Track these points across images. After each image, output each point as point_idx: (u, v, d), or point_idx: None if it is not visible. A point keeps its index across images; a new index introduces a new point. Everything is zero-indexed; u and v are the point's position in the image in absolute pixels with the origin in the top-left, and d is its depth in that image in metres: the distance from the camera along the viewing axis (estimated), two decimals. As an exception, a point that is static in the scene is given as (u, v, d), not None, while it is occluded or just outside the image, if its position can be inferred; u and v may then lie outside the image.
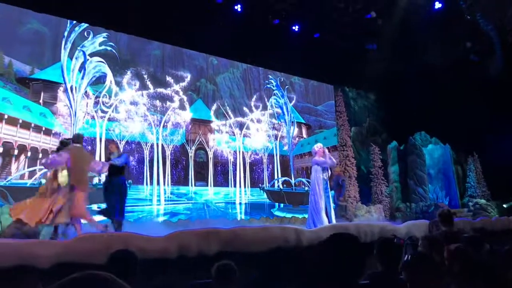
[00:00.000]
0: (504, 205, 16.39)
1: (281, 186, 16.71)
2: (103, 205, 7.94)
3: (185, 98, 15.38)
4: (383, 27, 13.40)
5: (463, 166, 16.44)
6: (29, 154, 15.17)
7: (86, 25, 12.86)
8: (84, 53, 13.22)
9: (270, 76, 17.49)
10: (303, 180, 16.97)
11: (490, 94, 15.08)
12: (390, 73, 15.56)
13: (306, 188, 15.61)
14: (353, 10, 12.92)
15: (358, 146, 16.42)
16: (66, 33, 12.88)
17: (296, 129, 18.38)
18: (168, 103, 14.93)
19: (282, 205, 15.82)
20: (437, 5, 12.40)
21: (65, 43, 12.96)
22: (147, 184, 14.29)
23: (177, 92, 15.15)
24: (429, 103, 15.24)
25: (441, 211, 5.59)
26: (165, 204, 14.27)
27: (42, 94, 15.20)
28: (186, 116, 15.48)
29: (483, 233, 8.57)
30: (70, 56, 13.09)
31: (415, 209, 14.41)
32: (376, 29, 13.52)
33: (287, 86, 18.02)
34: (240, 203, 15.32)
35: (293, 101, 17.99)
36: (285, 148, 17.59)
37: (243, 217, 14.52)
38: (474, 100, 14.80)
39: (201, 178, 15.80)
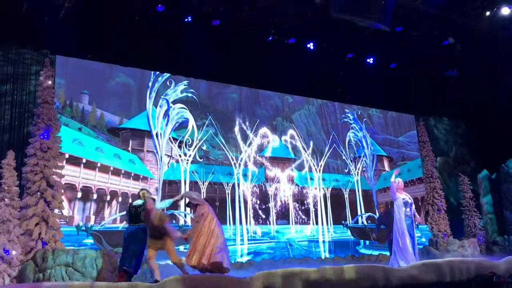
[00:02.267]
0: None
1: (365, 222, 16.22)
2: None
3: (263, 137, 15.68)
4: (463, 52, 12.92)
5: None
6: (120, 199, 16.13)
7: (168, 74, 13.71)
8: (167, 101, 14.04)
9: (347, 110, 17.36)
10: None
11: None
12: (474, 98, 14.86)
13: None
14: (429, 38, 12.63)
15: (445, 177, 15.62)
16: (150, 84, 13.81)
17: (378, 163, 17.90)
18: (247, 143, 15.30)
19: (367, 242, 15.29)
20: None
21: (150, 93, 13.87)
22: (229, 224, 14.53)
23: (255, 133, 15.50)
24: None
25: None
26: (248, 244, 14.37)
27: (130, 141, 16.26)
28: (265, 155, 15.72)
29: None
30: (155, 104, 13.96)
31: (515, 242, 13.29)
32: (455, 55, 13.06)
33: (365, 119, 17.75)
34: (324, 241, 15.03)
35: (372, 133, 17.66)
36: (367, 182, 17.17)
37: (327, 255, 14.21)
38: None
39: (282, 216, 15.78)
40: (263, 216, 15.16)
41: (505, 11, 11.16)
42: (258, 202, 15.18)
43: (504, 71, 13.84)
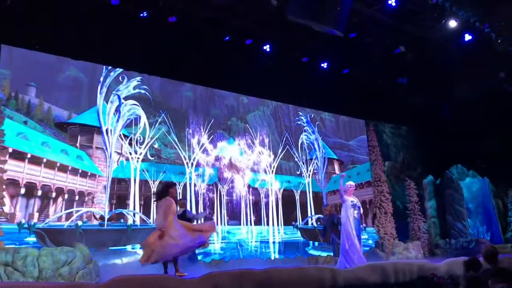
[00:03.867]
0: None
1: (314, 224, 16.46)
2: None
3: (217, 137, 15.56)
4: (413, 61, 13.35)
5: (503, 200, 15.83)
6: (66, 196, 15.55)
7: (121, 70, 13.36)
8: (119, 96, 13.68)
9: (300, 113, 17.58)
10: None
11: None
12: (423, 106, 15.41)
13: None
14: (382, 45, 12.96)
15: (393, 181, 16.09)
16: (101, 78, 13.40)
17: (329, 165, 18.21)
18: (200, 143, 15.13)
19: (316, 243, 15.51)
20: (467, 37, 12.29)
21: (101, 88, 13.47)
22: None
23: (209, 132, 15.37)
24: (464, 136, 14.93)
25: (485, 249, 5.36)
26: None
27: (79, 137, 15.73)
28: (218, 155, 15.62)
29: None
30: (106, 100, 13.57)
31: (455, 245, 13.88)
32: (406, 63, 13.48)
33: (317, 122, 18.02)
34: (274, 242, 15.12)
35: (324, 137, 17.95)
36: (318, 184, 17.42)
37: (277, 256, 14.30)
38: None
39: (233, 217, 15.73)
40: (215, 217, 15.06)
41: (452, 23, 11.63)
42: (210, 202, 15.07)
43: (451, 81, 14.42)
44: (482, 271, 4.74)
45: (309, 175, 17.23)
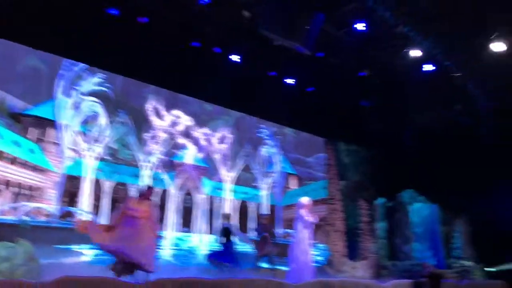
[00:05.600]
0: (491, 269, 16.28)
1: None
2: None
3: (176, 142, 15.41)
4: (377, 85, 13.71)
5: (450, 227, 16.41)
6: (12, 189, 14.95)
7: (84, 65, 13.04)
8: (79, 92, 13.32)
9: (263, 126, 17.67)
10: (289, 231, 16.76)
11: (482, 156, 15.33)
12: (382, 130, 15.82)
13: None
14: (348, 67, 13.26)
15: (346, 200, 16.37)
16: (62, 71, 13.01)
17: (286, 180, 18.34)
18: (158, 146, 14.93)
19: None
20: (429, 67, 12.75)
21: (60, 81, 13.07)
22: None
23: (170, 136, 15.20)
24: (419, 162, 15.41)
25: (429, 273, 5.53)
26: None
27: (33, 130, 15.17)
28: (175, 160, 15.44)
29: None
30: (65, 94, 13.18)
31: (401, 267, 14.23)
32: (369, 87, 13.83)
33: (279, 137, 18.17)
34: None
35: (284, 151, 18.08)
36: (274, 197, 17.50)
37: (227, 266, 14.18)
38: (465, 161, 15.00)
39: (185, 224, 15.56)
40: (166, 223, 14.84)
41: (416, 53, 12.06)
42: (163, 208, 14.86)
43: (411, 109, 14.90)
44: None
45: (266, 187, 17.28)
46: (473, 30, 11.49)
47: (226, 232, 12.05)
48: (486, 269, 16.18)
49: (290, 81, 13.62)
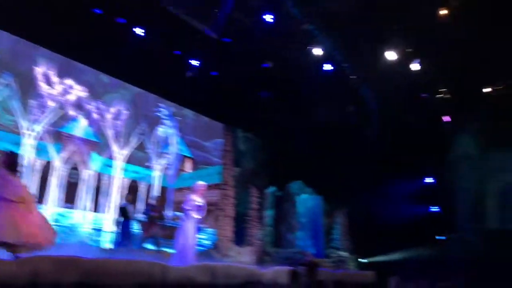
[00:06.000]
0: (363, 260, 17.73)
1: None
2: None
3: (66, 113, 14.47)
4: (278, 78, 14.04)
5: (332, 219, 17.48)
6: None
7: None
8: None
9: (162, 105, 17.22)
10: (179, 214, 16.65)
11: (365, 155, 16.51)
12: (280, 122, 16.29)
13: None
14: (253, 57, 13.40)
15: (239, 187, 16.65)
16: None
17: (181, 162, 18.15)
18: (46, 115, 13.89)
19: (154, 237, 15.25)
20: (328, 66, 13.37)
21: None
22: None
23: (60, 106, 14.21)
24: (310, 156, 16.15)
25: (307, 262, 5.79)
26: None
27: None
28: (64, 131, 14.51)
29: (342, 285, 9.06)
30: None
31: (283, 254, 14.85)
32: (271, 79, 14.12)
33: (178, 118, 17.86)
34: (109, 231, 14.45)
35: (182, 133, 17.84)
36: (167, 179, 17.23)
37: (110, 246, 13.68)
38: (350, 159, 16.03)
39: (69, 200, 14.72)
40: (47, 198, 13.94)
41: (317, 51, 12.57)
42: (45, 181, 13.90)
43: (308, 104, 15.52)
44: (302, 282, 5.13)
45: (159, 168, 16.93)
46: (371, 37, 12.28)
47: (123, 212, 11.61)
48: (359, 260, 17.58)
49: (194, 62, 13.44)
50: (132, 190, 16.37)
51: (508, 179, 18.16)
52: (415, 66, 12.92)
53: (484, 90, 14.51)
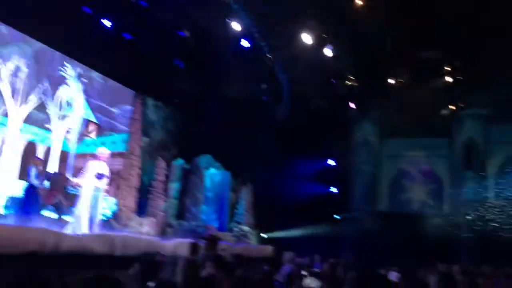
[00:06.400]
0: (264, 235, 18.37)
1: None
2: None
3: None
4: (194, 49, 13.79)
5: (237, 194, 17.81)
6: None
7: None
8: None
9: (67, 64, 16.10)
10: (80, 181, 15.86)
11: (273, 133, 16.91)
12: (192, 93, 16.09)
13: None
14: (170, 23, 13.02)
15: (145, 157, 16.25)
16: None
17: (85, 127, 17.24)
18: None
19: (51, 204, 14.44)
20: (244, 43, 13.38)
21: None
22: None
23: None
24: (221, 130, 16.21)
25: (208, 235, 5.83)
26: None
27: None
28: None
29: (241, 258, 9.27)
30: None
31: (186, 227, 14.88)
32: (187, 48, 13.84)
33: (84, 80, 16.84)
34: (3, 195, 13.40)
35: (87, 97, 16.88)
36: (68, 144, 16.29)
37: (3, 211, 12.72)
38: (258, 135, 16.35)
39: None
40: None
41: (236, 26, 12.50)
42: None
43: (222, 78, 15.48)
44: (200, 256, 5.15)
45: (60, 131, 15.95)
46: (288, 19, 12.46)
47: (25, 175, 10.78)
48: (261, 235, 18.20)
49: (106, 23, 12.74)
50: (30, 152, 15.29)
51: (399, 166, 19.74)
52: (328, 52, 13.36)
53: (389, 81, 15.45)
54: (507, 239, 15.76)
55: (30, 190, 10.47)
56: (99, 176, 8.80)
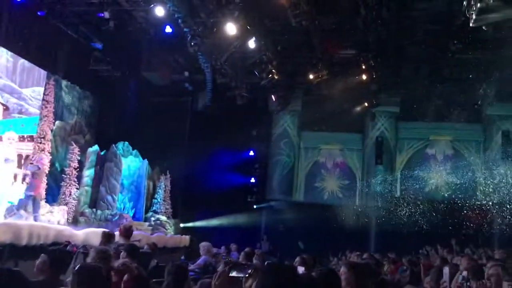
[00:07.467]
0: (183, 225, 18.29)
1: None
2: None
3: None
4: (113, 31, 13.25)
5: (155, 183, 17.52)
6: None
7: None
8: None
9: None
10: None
11: (193, 122, 16.81)
12: (111, 77, 15.52)
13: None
14: (88, 4, 12.46)
15: (58, 142, 15.41)
16: None
17: (-11, 108, 16.00)
18: None
19: None
20: (168, 29, 13.12)
21: None
22: None
23: None
24: (139, 117, 15.83)
25: (122, 224, 5.70)
26: None
27: None
28: None
29: (156, 248, 9.16)
30: None
31: (100, 216, 14.40)
32: (106, 30, 13.28)
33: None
34: None
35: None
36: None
37: None
38: (177, 124, 16.19)
39: None
40: None
41: (159, 11, 12.18)
42: None
43: (143, 63, 15.11)
44: (114, 246, 5.02)
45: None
46: (214, 8, 12.38)
47: None
48: (180, 225, 18.11)
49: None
50: None
51: (316, 159, 20.55)
52: (252, 44, 13.47)
53: (309, 75, 15.92)
54: (408, 232, 17.01)
55: None
56: (6, 161, 8.23)
